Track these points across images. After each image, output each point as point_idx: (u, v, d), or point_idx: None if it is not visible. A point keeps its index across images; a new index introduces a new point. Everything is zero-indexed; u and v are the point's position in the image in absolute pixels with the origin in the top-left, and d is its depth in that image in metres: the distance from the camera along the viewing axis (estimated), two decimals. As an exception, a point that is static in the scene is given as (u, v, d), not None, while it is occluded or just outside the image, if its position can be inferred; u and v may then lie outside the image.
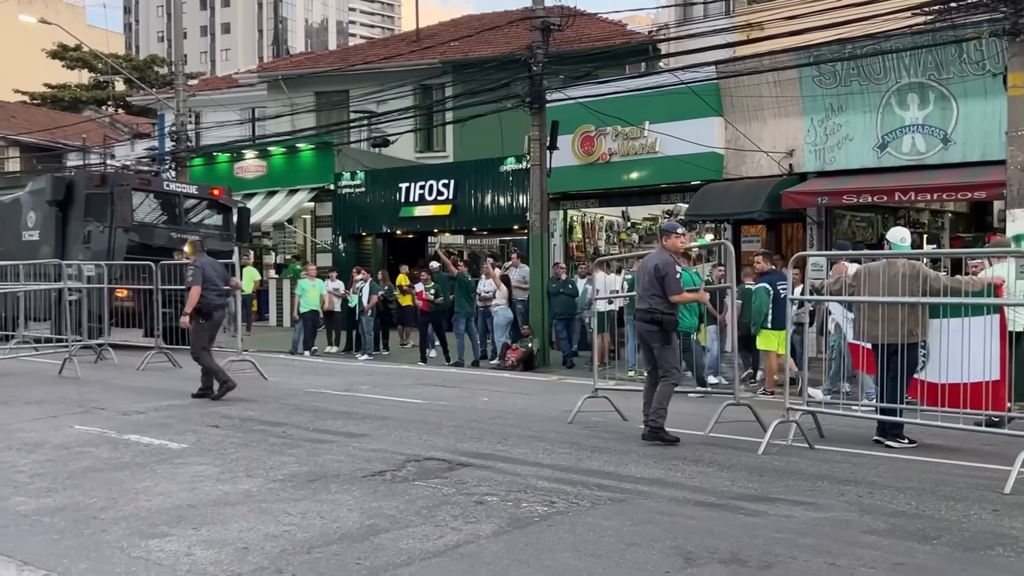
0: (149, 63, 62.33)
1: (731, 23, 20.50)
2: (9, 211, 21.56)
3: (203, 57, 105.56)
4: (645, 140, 19.22)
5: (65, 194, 19.92)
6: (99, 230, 19.29)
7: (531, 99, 17.50)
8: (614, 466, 7.75)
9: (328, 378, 14.55)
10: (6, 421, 9.85)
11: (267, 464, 7.67)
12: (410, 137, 29.53)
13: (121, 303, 17.34)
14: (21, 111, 50.89)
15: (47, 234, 20.22)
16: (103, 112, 49.98)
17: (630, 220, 23.65)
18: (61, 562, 5.17)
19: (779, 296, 12.32)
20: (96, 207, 19.46)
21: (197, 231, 19.67)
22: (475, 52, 27.78)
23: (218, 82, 39.54)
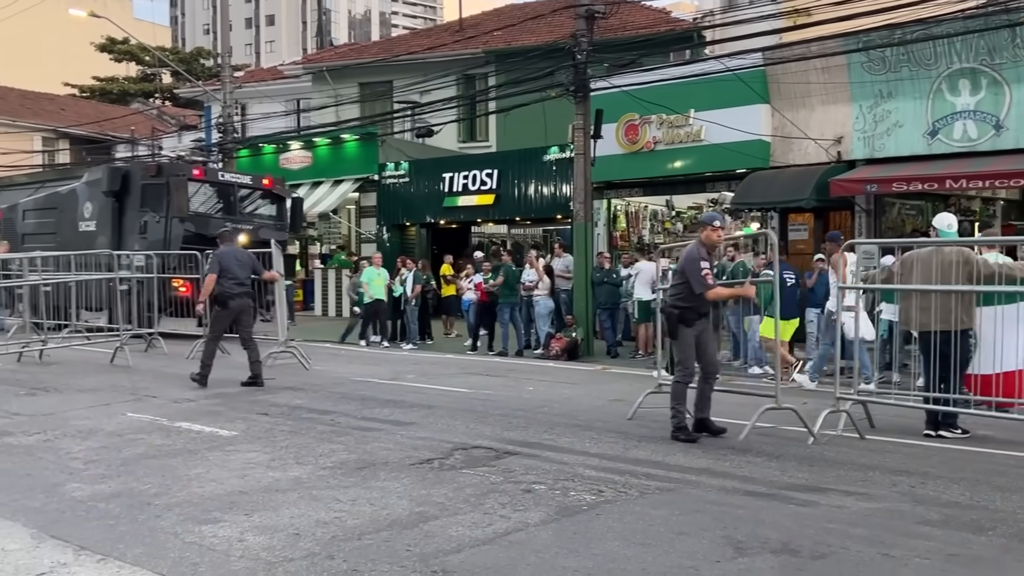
0: (195, 56, 63.00)
1: (777, 9, 20.23)
2: (66, 202, 21.71)
3: (248, 49, 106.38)
4: (690, 128, 19.08)
5: (121, 184, 20.00)
6: (155, 220, 19.35)
7: (575, 88, 17.43)
8: (661, 455, 7.73)
9: (374, 367, 14.63)
10: (60, 409, 10.03)
11: (316, 451, 7.74)
12: (453, 127, 29.58)
13: (177, 292, 17.51)
14: (71, 104, 51.67)
15: (103, 224, 20.33)
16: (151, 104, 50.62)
17: (674, 209, 23.50)
18: (117, 547, 5.25)
19: (785, 286, 12.33)
20: (152, 197, 19.53)
21: (251, 221, 19.84)
22: (518, 41, 27.72)
23: (263, 74, 39.84)
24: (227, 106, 24.33)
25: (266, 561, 4.98)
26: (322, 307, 27.13)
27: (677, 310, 8.55)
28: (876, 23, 15.25)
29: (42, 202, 23.01)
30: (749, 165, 18.26)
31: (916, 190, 16.37)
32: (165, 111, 47.22)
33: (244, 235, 18.48)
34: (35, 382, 12.08)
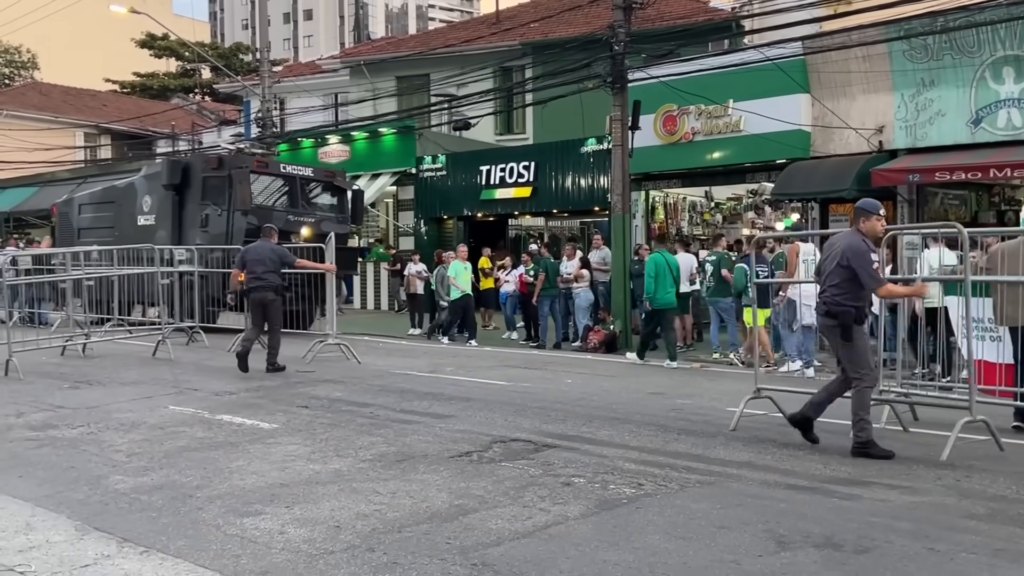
0: (234, 51, 63.55)
1: (817, -3, 20.05)
2: (124, 196, 21.44)
3: (286, 44, 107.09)
4: (729, 118, 18.91)
5: (182, 177, 19.63)
6: (217, 213, 18.92)
7: (612, 79, 17.35)
8: (702, 449, 7.68)
9: (413, 360, 14.68)
10: (104, 401, 10.15)
11: (356, 444, 7.78)
12: (490, 120, 29.56)
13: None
14: (112, 100, 52.30)
15: (163, 218, 20.02)
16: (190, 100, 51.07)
17: (713, 200, 23.34)
18: (159, 539, 5.30)
19: (758, 276, 12.52)
20: (213, 190, 19.11)
21: (313, 213, 19.53)
22: (555, 33, 27.64)
23: (302, 68, 40.08)
24: (266, 101, 24.49)
25: (307, 553, 5.01)
26: (361, 300, 27.27)
27: (854, 309, 7.58)
28: (918, 10, 15.02)
29: (98, 196, 22.80)
30: (789, 155, 18.07)
31: (959, 179, 16.11)
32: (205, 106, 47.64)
33: (307, 228, 18.59)
34: (78, 375, 12.24)
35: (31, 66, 59.79)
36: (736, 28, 22.92)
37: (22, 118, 41.92)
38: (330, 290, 15.01)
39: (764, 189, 20.67)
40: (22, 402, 10.06)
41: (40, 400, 10.21)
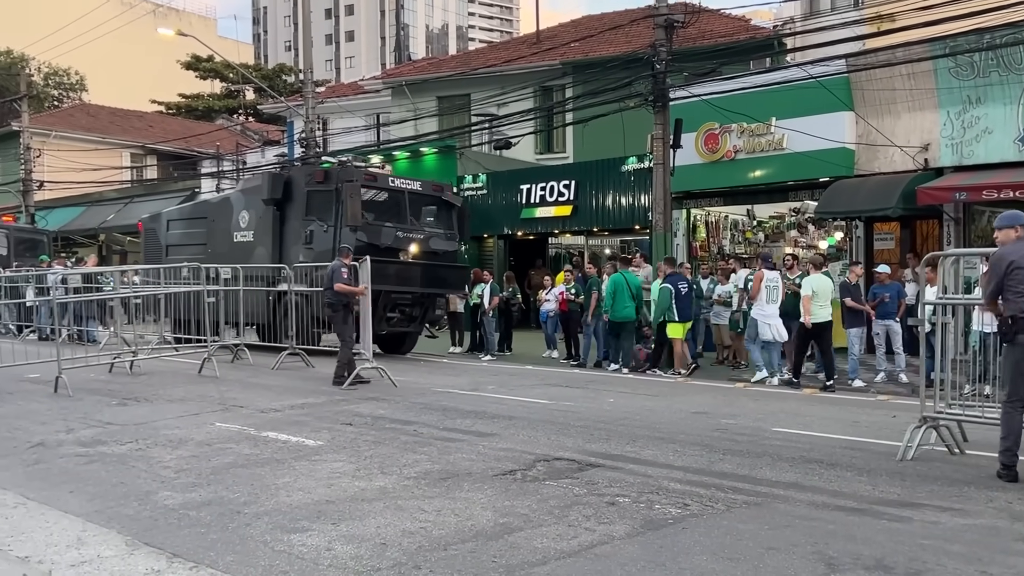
0: (277, 72, 64.31)
1: (860, 15, 19.91)
2: (218, 211, 20.57)
3: (328, 65, 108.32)
4: (772, 136, 18.81)
5: (283, 191, 18.68)
6: (322, 229, 17.77)
7: (654, 97, 17.33)
8: (748, 469, 7.61)
9: (454, 378, 14.71)
10: (151, 418, 10.28)
11: (400, 462, 7.80)
12: (530, 139, 29.64)
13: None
14: (158, 121, 53.15)
15: (263, 234, 18.99)
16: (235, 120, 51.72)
17: (756, 219, 23.20)
18: (208, 555, 5.35)
19: (680, 294, 15.36)
20: (319, 205, 18.02)
21: (422, 229, 18.52)
22: (596, 52, 27.70)
23: (344, 89, 40.46)
24: (309, 121, 24.72)
25: (354, 570, 5.03)
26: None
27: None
28: (964, 27, 14.86)
29: (189, 211, 22.30)
30: (833, 173, 17.94)
31: (1007, 198, 15.86)
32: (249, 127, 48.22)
33: (416, 244, 17.93)
34: (126, 392, 12.40)
35: (80, 88, 60.95)
36: (778, 46, 22.83)
37: (71, 139, 42.71)
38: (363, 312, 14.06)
39: (807, 207, 20.50)
40: (72, 418, 10.21)
41: (89, 416, 10.36)
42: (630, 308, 16.17)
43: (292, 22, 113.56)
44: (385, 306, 17.30)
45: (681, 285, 15.51)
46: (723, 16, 27.74)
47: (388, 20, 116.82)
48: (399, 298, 17.62)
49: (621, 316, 16.20)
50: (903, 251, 17.84)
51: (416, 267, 17.73)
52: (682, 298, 15.48)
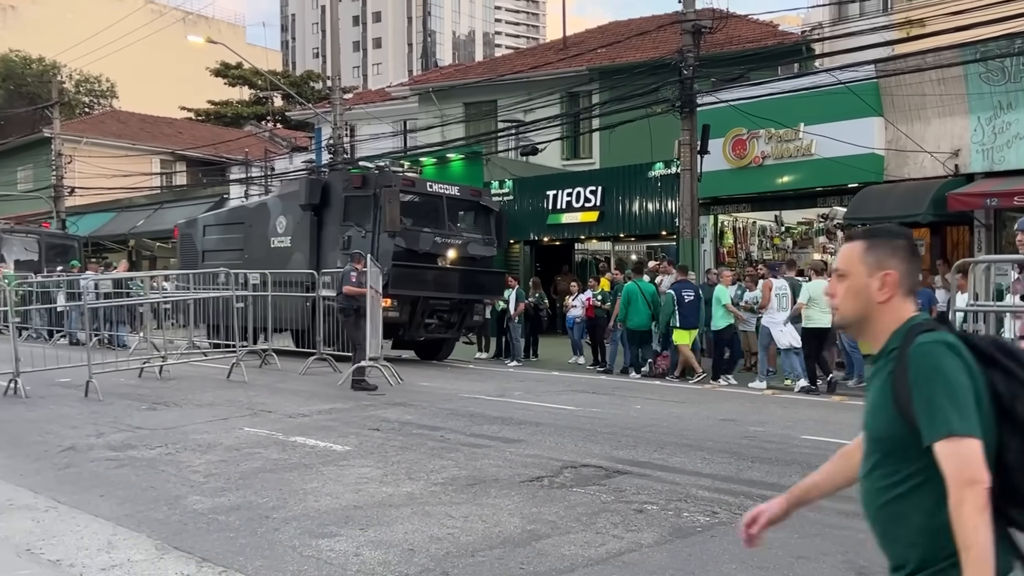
0: (305, 79, 64.66)
1: (889, 20, 19.81)
2: (255, 216, 20.52)
3: (356, 72, 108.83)
4: (800, 142, 18.72)
5: (321, 197, 18.52)
6: (360, 235, 17.54)
7: (681, 103, 17.32)
8: (777, 477, 7.56)
9: (481, 384, 14.71)
10: (181, 423, 10.34)
11: (427, 467, 7.81)
12: (557, 145, 29.63)
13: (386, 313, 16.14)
14: (187, 127, 53.61)
15: (300, 240, 18.91)
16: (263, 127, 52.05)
17: (784, 225, 23.09)
18: (237, 559, 5.37)
19: (684, 301, 15.45)
20: (357, 210, 17.87)
21: (460, 235, 18.29)
22: (623, 58, 27.66)
23: (372, 95, 40.63)
24: (337, 128, 24.84)
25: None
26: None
27: None
28: (994, 32, 14.75)
29: (225, 217, 22.33)
30: (862, 179, 17.82)
31: (1040, 204, 15.74)
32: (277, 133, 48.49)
33: (453, 250, 17.78)
34: (156, 397, 12.49)
35: (110, 95, 61.55)
36: (806, 51, 22.72)
37: (101, 145, 43.14)
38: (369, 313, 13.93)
39: (836, 213, 20.38)
40: (102, 423, 10.29)
41: (119, 421, 10.44)
42: (645, 316, 16.25)
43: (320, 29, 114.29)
44: (423, 312, 17.29)
45: (686, 292, 15.62)
46: (751, 22, 27.65)
47: (415, 27, 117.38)
48: (437, 304, 17.55)
49: (636, 324, 16.33)
50: (933, 258, 17.68)
51: (454, 273, 17.65)
52: (686, 305, 15.56)
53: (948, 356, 2.16)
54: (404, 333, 17.80)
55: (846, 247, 2.45)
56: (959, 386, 2.13)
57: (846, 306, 2.40)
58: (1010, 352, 2.22)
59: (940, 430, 2.11)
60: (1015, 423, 2.17)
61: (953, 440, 2.10)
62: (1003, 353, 2.21)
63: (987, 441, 2.13)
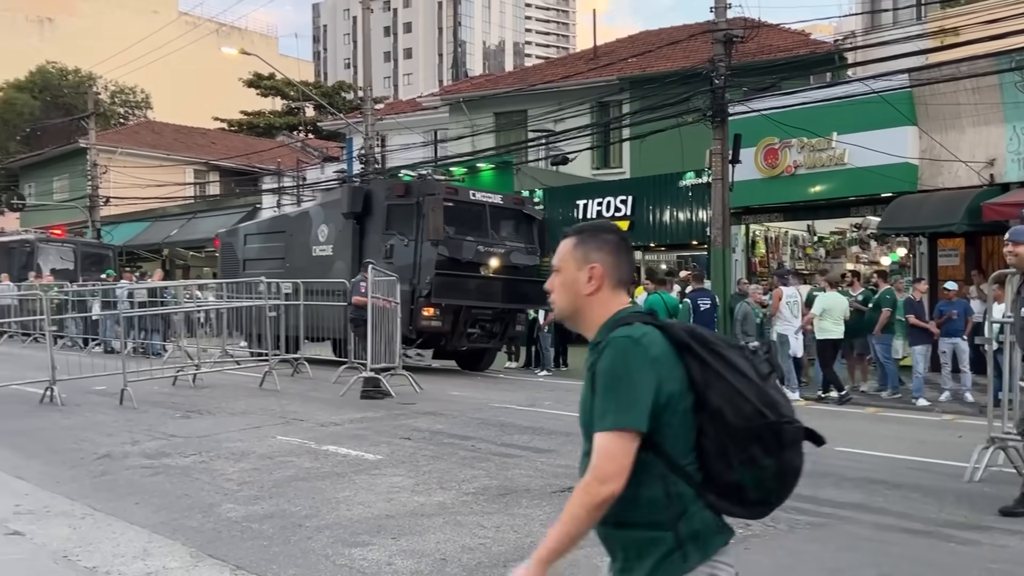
0: (337, 89, 65.10)
1: (923, 29, 19.66)
2: (297, 225, 20.48)
3: (387, 82, 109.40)
4: (833, 151, 18.60)
5: (363, 205, 18.35)
6: (403, 244, 17.44)
7: (712, 113, 17.26)
8: (811, 489, 7.46)
9: (511, 393, 14.71)
10: (214, 431, 10.42)
11: (459, 477, 7.82)
12: (587, 154, 29.62)
13: (428, 323, 16.73)
14: (220, 138, 54.09)
15: (342, 248, 18.77)
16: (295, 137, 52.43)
17: (816, 234, 22.95)
18: (271, 567, 5.41)
19: (699, 309, 14.98)
20: (399, 219, 17.73)
21: (503, 244, 18.11)
22: (653, 67, 27.64)
23: (403, 106, 40.84)
24: (369, 138, 24.99)
25: (415, 586, 5.04)
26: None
27: None
28: (1031, 41, 14.60)
29: (267, 226, 22.33)
30: (895, 189, 17.68)
31: (1077, 213, 15.53)
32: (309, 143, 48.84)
33: (496, 258, 17.61)
34: (189, 405, 12.59)
35: (145, 106, 62.23)
36: (839, 60, 22.59)
37: (136, 155, 43.62)
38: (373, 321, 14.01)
39: (869, 223, 20.23)
40: (137, 431, 10.38)
41: (154, 429, 10.53)
42: None
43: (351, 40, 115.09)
44: (466, 321, 17.22)
45: (702, 301, 15.51)
46: (783, 31, 27.50)
47: (446, 37, 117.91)
48: (479, 313, 17.46)
49: None
50: (968, 268, 17.50)
51: (497, 282, 17.54)
52: (702, 314, 15.40)
53: (633, 352, 2.25)
54: (446, 343, 17.76)
55: (561, 244, 2.58)
56: (634, 383, 2.23)
57: (560, 299, 2.53)
58: (705, 341, 2.31)
59: (601, 423, 2.23)
60: (708, 409, 2.26)
61: (608, 434, 2.22)
62: (698, 343, 2.30)
63: (686, 427, 2.26)
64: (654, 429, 2.23)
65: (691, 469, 2.26)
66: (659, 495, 2.25)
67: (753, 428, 2.25)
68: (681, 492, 2.26)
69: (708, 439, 2.26)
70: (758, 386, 2.29)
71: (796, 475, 2.34)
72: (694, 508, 2.26)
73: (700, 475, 2.28)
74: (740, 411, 2.25)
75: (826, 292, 14.58)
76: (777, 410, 2.29)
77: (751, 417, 2.25)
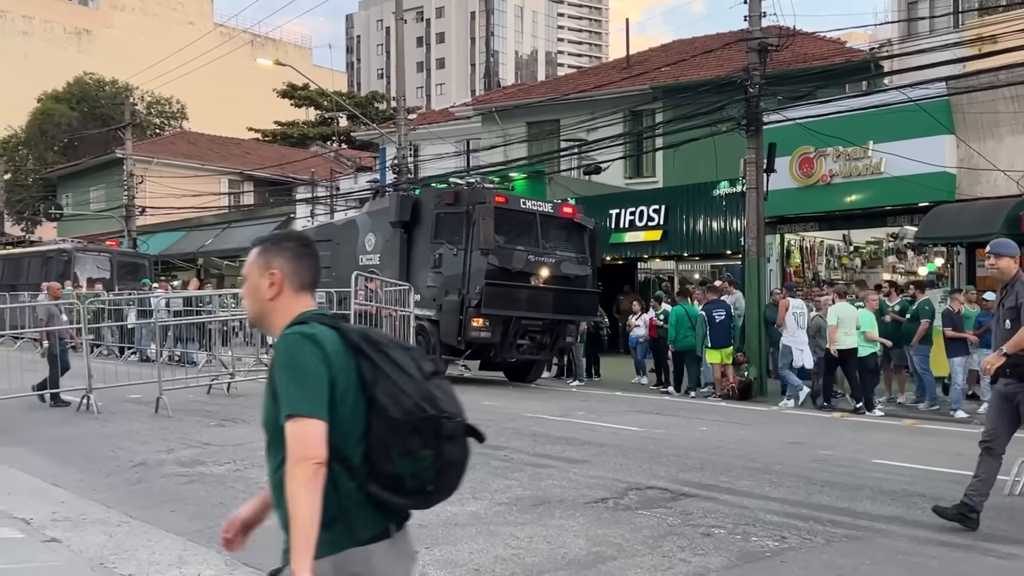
0: (370, 99, 65.48)
1: (960, 37, 19.47)
2: (343, 234, 20.31)
3: (419, 92, 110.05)
4: (869, 160, 18.48)
5: (412, 214, 18.12)
6: (452, 253, 17.21)
7: (747, 121, 17.17)
8: (847, 502, 7.42)
9: (543, 403, 14.70)
10: (249, 439, 10.45)
11: (492, 487, 7.81)
12: (620, 164, 29.58)
13: (477, 334, 16.53)
14: (254, 148, 54.56)
15: (389, 258, 18.55)
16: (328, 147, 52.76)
17: (852, 244, 22.77)
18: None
19: (714, 321, 15.93)
20: (448, 227, 17.51)
21: (553, 254, 17.72)
22: (687, 76, 27.57)
23: (435, 116, 41.01)
24: (402, 148, 25.12)
25: (448, 596, 5.05)
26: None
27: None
28: (1072, 48, 14.44)
29: (312, 235, 21.40)
30: (933, 198, 17.52)
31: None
32: (342, 153, 49.15)
33: (547, 269, 17.26)
34: (224, 413, 12.68)
35: (180, 116, 62.93)
36: (875, 68, 22.44)
37: (171, 165, 44.09)
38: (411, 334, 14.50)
39: (906, 233, 20.06)
40: (172, 439, 10.47)
41: (189, 437, 10.62)
42: (691, 338, 16.63)
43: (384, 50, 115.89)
44: (515, 333, 16.99)
45: (716, 313, 16.06)
46: (818, 39, 27.33)
47: (478, 47, 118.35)
48: (529, 324, 17.19)
49: (683, 346, 16.77)
50: (1008, 278, 17.29)
51: (547, 292, 17.28)
52: (716, 326, 16.01)
53: (304, 346, 2.43)
54: (495, 354, 17.62)
55: (249, 254, 2.70)
56: (308, 374, 2.41)
57: (248, 305, 2.69)
58: (375, 343, 2.50)
59: (287, 411, 2.40)
60: (376, 406, 2.44)
61: (295, 420, 2.38)
62: (368, 344, 2.48)
63: (355, 421, 2.43)
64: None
65: (357, 461, 2.44)
66: (323, 483, 2.40)
67: (413, 422, 2.43)
68: (342, 481, 2.44)
69: (373, 433, 2.43)
70: (420, 383, 2.48)
71: (458, 467, 2.55)
72: (354, 497, 2.45)
73: (366, 467, 2.44)
74: (401, 406, 2.43)
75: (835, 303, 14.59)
76: (436, 405, 2.47)
77: (411, 411, 2.43)
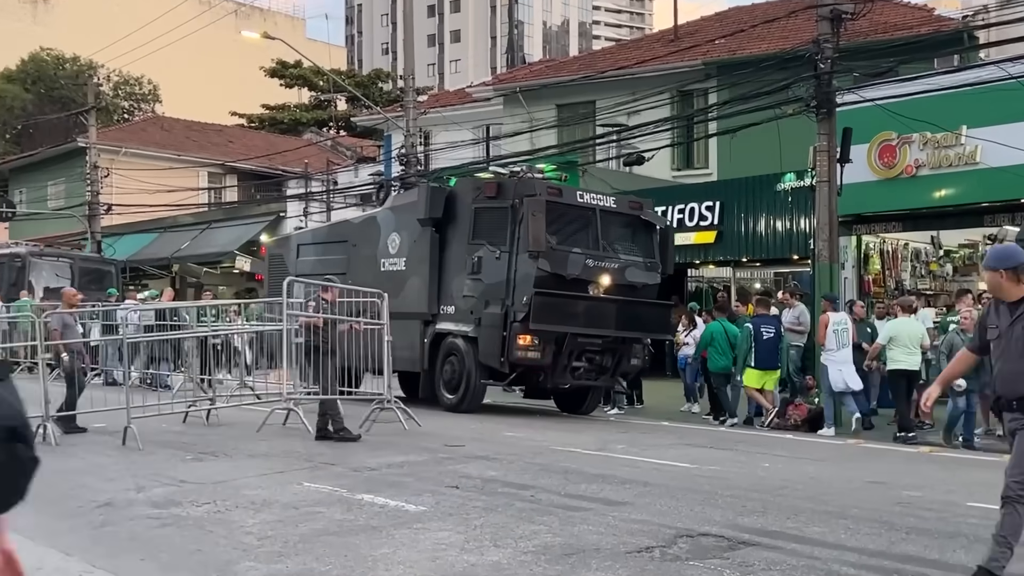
0: (373, 79, 65.88)
1: (1071, 1, 19.37)
2: (361, 234, 19.99)
3: (431, 70, 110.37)
4: (962, 149, 18.42)
5: (444, 209, 17.77)
6: (494, 256, 16.77)
7: (817, 103, 17.16)
8: (937, 552, 7.37)
9: (576, 435, 14.68)
10: (231, 476, 10.52)
11: (516, 533, 7.80)
12: (666, 153, 29.56)
13: (524, 354, 16.23)
14: (238, 135, 54.95)
15: (417, 262, 18.09)
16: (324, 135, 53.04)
17: (942, 247, 22.65)
18: (297, 636, 5.44)
19: (761, 337, 15.99)
20: (489, 226, 17.11)
21: (616, 257, 17.21)
22: (745, 50, 27.61)
23: (449, 97, 41.20)
24: (410, 135, 25.17)
25: (465, 661, 5.04)
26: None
27: None
28: None
29: (324, 235, 22.20)
30: (1038, 193, 17.45)
31: None
32: (340, 142, 49.44)
33: (608, 275, 16.83)
34: (203, 445, 12.74)
35: (153, 99, 63.53)
36: (969, 40, 22.35)
37: (142, 156, 44.40)
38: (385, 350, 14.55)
39: (1006, 233, 19.89)
40: (142, 475, 10.52)
41: (161, 473, 10.66)
42: (727, 358, 16.84)
43: (390, 21, 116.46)
44: (570, 353, 16.42)
45: (765, 329, 16.16)
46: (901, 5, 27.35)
47: (500, 17, 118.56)
48: (587, 343, 16.65)
49: (718, 367, 17.02)
50: None
51: (609, 304, 16.75)
52: (764, 343, 16.10)
53: None
54: (545, 378, 17.10)
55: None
56: None
57: None
58: None
59: None
60: None
61: None
62: None
63: None
64: None
65: None
66: None
67: None
68: None
69: None
70: None
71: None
72: None
73: None
74: None
75: (897, 318, 14.55)
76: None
77: None
